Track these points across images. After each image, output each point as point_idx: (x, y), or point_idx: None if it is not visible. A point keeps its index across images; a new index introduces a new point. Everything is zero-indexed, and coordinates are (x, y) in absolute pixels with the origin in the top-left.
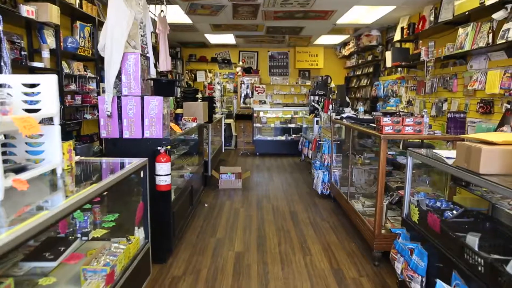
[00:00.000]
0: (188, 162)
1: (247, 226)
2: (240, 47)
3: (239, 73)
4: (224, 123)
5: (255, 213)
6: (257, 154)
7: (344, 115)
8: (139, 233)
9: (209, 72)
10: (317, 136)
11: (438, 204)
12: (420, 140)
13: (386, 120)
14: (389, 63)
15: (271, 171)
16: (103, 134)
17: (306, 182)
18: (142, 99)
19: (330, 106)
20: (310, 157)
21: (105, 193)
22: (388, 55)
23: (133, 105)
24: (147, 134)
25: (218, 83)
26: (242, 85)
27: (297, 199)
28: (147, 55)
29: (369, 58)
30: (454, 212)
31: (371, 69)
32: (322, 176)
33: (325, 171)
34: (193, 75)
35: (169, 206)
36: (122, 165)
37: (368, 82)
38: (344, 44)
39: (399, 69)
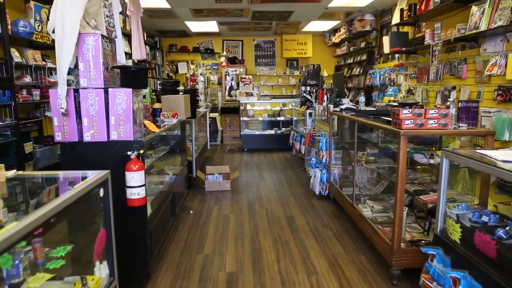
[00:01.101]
0: (170, 164)
1: (239, 237)
2: (224, 36)
3: (223, 64)
4: (209, 118)
5: (247, 220)
6: (245, 149)
7: (343, 107)
8: (101, 270)
9: (192, 63)
10: (311, 130)
11: (485, 218)
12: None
13: (406, 112)
14: (386, 49)
15: (261, 169)
16: (58, 137)
17: (301, 180)
18: (106, 92)
19: (325, 97)
20: (303, 152)
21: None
22: (386, 40)
23: (95, 100)
24: (114, 136)
25: (201, 74)
26: (227, 76)
27: (293, 202)
28: (115, 39)
29: (362, 45)
30: (508, 229)
31: (364, 57)
32: (320, 175)
33: (322, 169)
34: (174, 66)
35: (144, 224)
36: (74, 182)
37: (361, 71)
38: (334, 31)
39: (396, 55)
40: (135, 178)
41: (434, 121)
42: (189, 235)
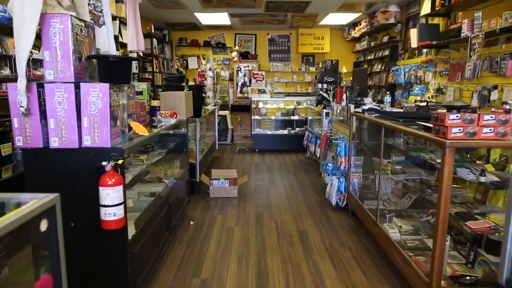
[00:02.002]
0: (167, 170)
1: (243, 255)
2: (236, 29)
3: (235, 59)
4: (218, 116)
5: (253, 234)
6: (256, 150)
7: (365, 107)
8: None
9: (202, 58)
10: (328, 132)
11: None
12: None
13: (454, 118)
14: (414, 43)
15: (272, 172)
16: (19, 142)
17: (315, 186)
18: (78, 87)
19: (344, 96)
20: (318, 155)
21: None
22: (413, 33)
23: (63, 97)
24: (87, 142)
25: (210, 69)
26: (239, 72)
27: (306, 212)
28: (95, 25)
29: (385, 39)
30: None
31: (386, 52)
32: (337, 183)
33: (340, 177)
34: (184, 61)
35: (123, 249)
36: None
37: (383, 68)
38: (354, 24)
39: (424, 50)
40: (110, 195)
41: (490, 130)
42: (187, 252)
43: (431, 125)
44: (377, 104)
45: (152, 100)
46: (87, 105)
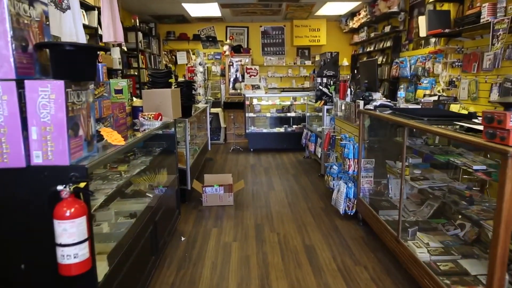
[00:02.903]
0: (152, 181)
1: (243, 280)
2: (227, 22)
3: (227, 53)
4: (210, 114)
5: (253, 252)
6: (251, 150)
7: (376, 104)
8: None
9: (192, 53)
10: (330, 130)
11: None
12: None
13: None
14: (423, 32)
15: (270, 174)
16: None
17: (318, 190)
18: (21, 86)
19: (348, 91)
20: (319, 156)
21: None
22: (422, 21)
23: (1, 100)
24: (37, 159)
25: (200, 64)
26: (231, 67)
27: (311, 222)
28: (68, 11)
29: (387, 29)
30: None
31: (388, 43)
32: (346, 189)
33: (348, 181)
34: (173, 56)
35: None
36: None
37: (385, 60)
38: (352, 14)
39: (432, 40)
40: (68, 230)
41: None
42: (177, 278)
43: (477, 127)
44: (388, 100)
45: (135, 99)
46: (36, 110)
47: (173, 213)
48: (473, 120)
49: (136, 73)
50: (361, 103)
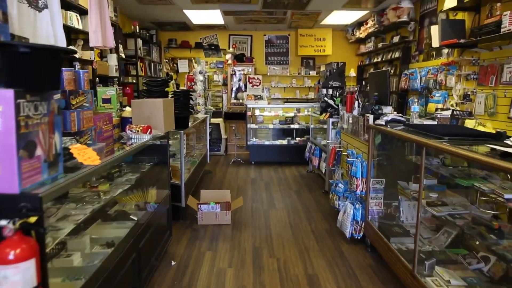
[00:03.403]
0: (141, 199)
1: None
2: (230, 30)
3: (229, 62)
4: (211, 125)
5: (250, 281)
6: (252, 162)
7: (387, 118)
8: None
9: (194, 61)
10: (336, 145)
11: None
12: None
13: None
14: (435, 42)
15: (271, 190)
16: None
17: (321, 209)
18: None
19: (356, 103)
20: (323, 171)
21: None
22: (435, 30)
23: None
24: None
25: (200, 73)
26: (233, 76)
27: (314, 246)
28: (45, 11)
29: (395, 39)
30: None
31: (396, 54)
32: (352, 211)
33: (355, 202)
34: (175, 65)
35: None
36: None
37: (393, 71)
38: (359, 24)
39: (445, 51)
40: (10, 278)
41: None
42: None
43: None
44: (400, 114)
45: (127, 109)
46: None
47: (164, 234)
48: (505, 141)
49: (134, 81)
50: (371, 117)
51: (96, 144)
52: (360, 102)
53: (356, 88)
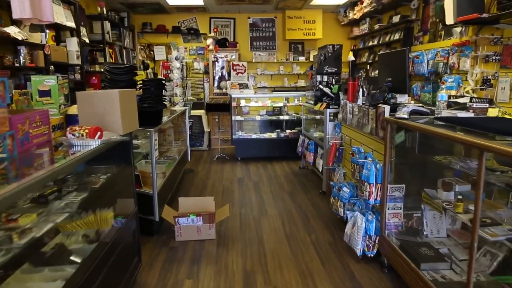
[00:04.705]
0: (89, 226)
1: None
2: (211, 12)
3: (211, 47)
4: (190, 119)
5: None
6: (238, 158)
7: (406, 109)
8: None
9: (170, 46)
10: (337, 140)
11: None
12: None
13: None
14: (450, 19)
15: (261, 191)
16: None
17: (320, 213)
18: None
19: (360, 91)
20: (320, 169)
21: None
22: (449, 5)
23: None
24: None
25: (176, 59)
26: (216, 63)
27: (318, 267)
28: None
29: (395, 19)
30: None
31: (396, 36)
32: (364, 224)
33: (366, 212)
34: (151, 52)
35: None
36: None
37: None
38: (353, 4)
39: (457, 30)
40: None
41: None
42: None
43: None
44: (419, 104)
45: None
46: None
47: (130, 262)
48: None
49: (102, 70)
50: (387, 108)
51: (13, 157)
52: (365, 90)
53: (361, 73)
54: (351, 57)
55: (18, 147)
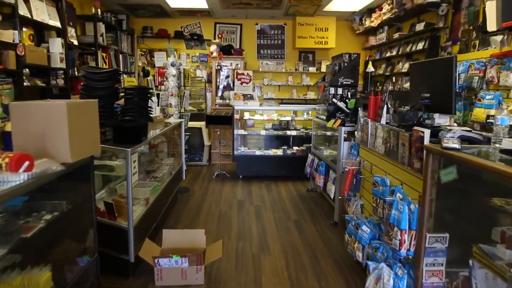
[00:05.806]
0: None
1: None
2: (216, 17)
3: (214, 54)
4: (187, 133)
5: None
6: (240, 177)
7: (453, 135)
8: None
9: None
10: (354, 165)
11: None
12: None
13: None
14: (492, 25)
15: (263, 219)
16: None
17: (331, 250)
18: None
19: (385, 108)
20: (332, 197)
21: None
22: (491, 8)
23: None
24: None
25: (172, 65)
26: (220, 71)
27: None
28: None
29: (419, 27)
30: None
31: (419, 46)
32: (393, 281)
33: (394, 265)
34: (152, 58)
35: None
36: None
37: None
38: (370, 10)
39: (496, 39)
40: None
41: None
42: None
43: None
44: (466, 128)
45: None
46: None
47: None
48: None
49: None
50: (426, 133)
51: None
52: (390, 106)
53: (386, 88)
54: (370, 68)
55: None
